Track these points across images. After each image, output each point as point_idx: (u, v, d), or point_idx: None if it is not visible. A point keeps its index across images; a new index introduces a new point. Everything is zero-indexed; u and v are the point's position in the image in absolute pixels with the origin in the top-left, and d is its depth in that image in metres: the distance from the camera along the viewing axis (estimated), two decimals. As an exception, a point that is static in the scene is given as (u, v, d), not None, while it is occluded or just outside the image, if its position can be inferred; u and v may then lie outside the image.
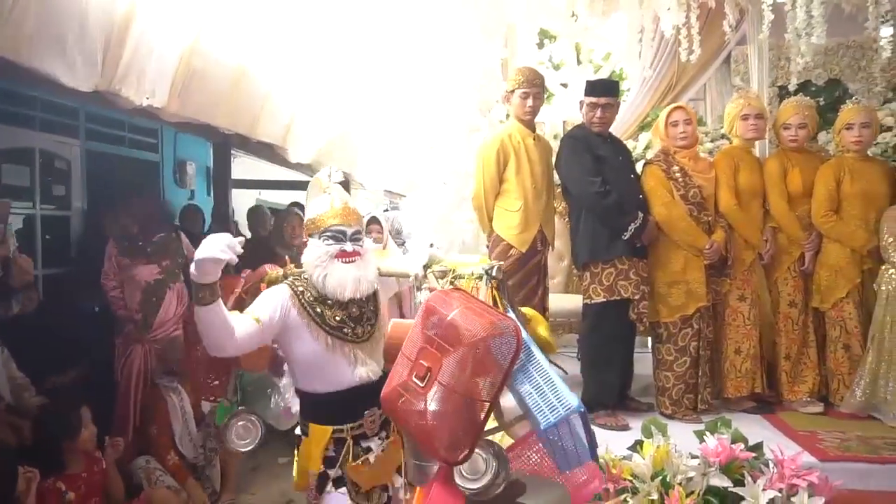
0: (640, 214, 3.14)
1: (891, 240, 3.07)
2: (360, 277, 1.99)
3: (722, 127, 3.94)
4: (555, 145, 3.61)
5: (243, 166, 5.92)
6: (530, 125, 3.42)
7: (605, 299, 3.16)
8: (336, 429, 2.00)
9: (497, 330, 1.53)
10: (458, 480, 1.66)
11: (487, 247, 3.48)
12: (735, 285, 3.36)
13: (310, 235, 2.02)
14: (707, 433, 1.96)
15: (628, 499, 1.98)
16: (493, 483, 1.65)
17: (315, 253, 1.98)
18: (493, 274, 1.91)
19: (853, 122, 3.29)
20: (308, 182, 2.13)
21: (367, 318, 2.05)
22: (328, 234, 1.98)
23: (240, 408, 2.33)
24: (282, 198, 6.75)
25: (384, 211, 5.48)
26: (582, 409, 1.58)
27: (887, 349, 3.04)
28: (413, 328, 1.70)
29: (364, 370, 1.99)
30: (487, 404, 1.55)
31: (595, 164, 3.20)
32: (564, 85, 5.31)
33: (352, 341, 1.99)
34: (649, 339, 3.61)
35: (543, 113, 5.28)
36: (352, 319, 2.01)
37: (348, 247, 1.98)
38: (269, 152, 3.90)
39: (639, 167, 3.51)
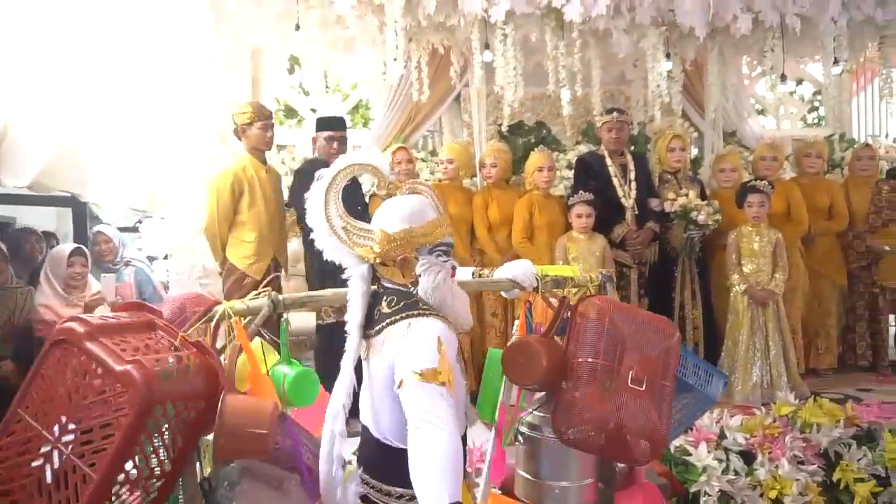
0: (366, 242, 3.51)
1: (560, 262, 3.84)
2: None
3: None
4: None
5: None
6: (262, 158, 3.60)
7: (334, 320, 3.47)
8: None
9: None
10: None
11: (221, 274, 3.59)
12: (451, 301, 3.92)
13: (416, 251, 1.53)
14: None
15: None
16: None
17: (440, 274, 1.52)
18: (614, 279, 2.18)
19: (543, 165, 4.05)
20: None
21: None
22: (442, 247, 1.54)
23: None
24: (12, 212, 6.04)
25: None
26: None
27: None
28: (591, 338, 1.61)
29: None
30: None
31: (325, 196, 3.49)
32: (314, 110, 5.57)
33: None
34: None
35: (295, 136, 5.51)
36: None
37: (454, 263, 1.60)
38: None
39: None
